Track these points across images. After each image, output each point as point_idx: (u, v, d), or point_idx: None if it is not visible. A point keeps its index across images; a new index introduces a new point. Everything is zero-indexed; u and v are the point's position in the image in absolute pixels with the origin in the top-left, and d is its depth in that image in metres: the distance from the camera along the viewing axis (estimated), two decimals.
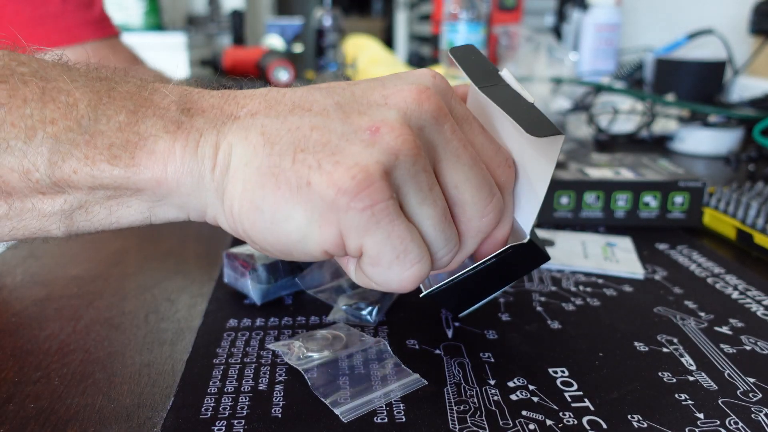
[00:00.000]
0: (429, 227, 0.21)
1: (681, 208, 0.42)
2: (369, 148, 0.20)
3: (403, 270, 0.21)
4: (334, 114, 0.21)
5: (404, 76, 0.23)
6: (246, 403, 0.23)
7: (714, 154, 0.66)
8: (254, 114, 0.21)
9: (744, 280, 0.35)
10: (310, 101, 0.21)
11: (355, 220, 0.19)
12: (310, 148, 0.20)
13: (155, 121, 0.21)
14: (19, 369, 0.26)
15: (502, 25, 1.11)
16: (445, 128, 0.21)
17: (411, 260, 0.21)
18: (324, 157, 0.20)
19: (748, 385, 0.25)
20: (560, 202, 0.43)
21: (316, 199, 0.19)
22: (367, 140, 0.20)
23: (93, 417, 0.23)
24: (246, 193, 0.20)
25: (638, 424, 0.22)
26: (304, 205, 0.20)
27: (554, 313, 0.31)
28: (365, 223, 0.19)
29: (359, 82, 0.23)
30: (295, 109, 0.21)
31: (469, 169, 0.22)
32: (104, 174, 0.20)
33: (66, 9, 0.50)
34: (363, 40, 1.17)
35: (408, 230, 0.20)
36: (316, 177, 0.19)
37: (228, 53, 1.06)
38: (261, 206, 0.20)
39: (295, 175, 0.20)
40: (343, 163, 0.19)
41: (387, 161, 0.19)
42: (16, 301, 0.33)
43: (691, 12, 1.10)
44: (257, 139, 0.20)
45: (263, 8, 2.97)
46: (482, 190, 0.22)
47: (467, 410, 0.23)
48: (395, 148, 0.20)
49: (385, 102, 0.21)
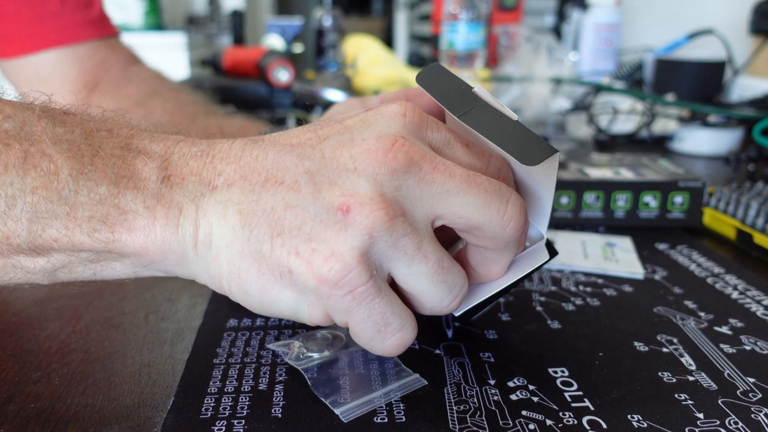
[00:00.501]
0: (425, 284, 0.21)
1: (681, 208, 0.42)
2: (342, 233, 0.20)
3: (384, 340, 0.22)
4: (306, 188, 0.20)
5: (373, 122, 0.22)
6: (246, 403, 0.23)
7: (714, 154, 0.66)
8: (230, 185, 0.21)
9: (744, 280, 0.35)
10: (282, 170, 0.21)
11: (338, 304, 0.20)
12: (286, 233, 0.20)
13: (135, 195, 0.21)
14: (19, 369, 0.26)
15: (502, 25, 1.12)
16: (423, 174, 0.20)
17: (391, 331, 0.21)
18: (300, 243, 0.20)
19: (747, 385, 0.25)
20: (560, 202, 0.43)
21: (299, 285, 0.21)
22: (340, 222, 0.20)
23: (93, 417, 0.23)
24: (232, 275, 0.21)
25: (638, 423, 0.22)
26: (290, 289, 0.21)
27: (554, 313, 0.31)
28: (347, 306, 0.20)
29: (330, 135, 0.22)
30: (267, 182, 0.21)
31: (466, 193, 0.21)
32: (84, 245, 0.21)
33: (65, 8, 0.50)
34: (363, 40, 1.17)
35: (388, 304, 0.21)
36: (296, 265, 0.20)
37: (228, 53, 1.06)
38: (248, 290, 0.21)
39: (276, 262, 0.20)
40: (319, 252, 0.20)
41: (362, 244, 0.20)
42: (16, 301, 0.33)
43: (690, 12, 1.10)
44: (235, 220, 0.21)
45: (263, 8, 2.97)
46: (491, 204, 0.21)
47: (467, 410, 0.23)
48: (368, 227, 0.20)
49: (354, 167, 0.21)
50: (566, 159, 0.48)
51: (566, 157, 0.49)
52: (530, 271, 0.24)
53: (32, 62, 0.50)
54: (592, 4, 1.03)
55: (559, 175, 0.43)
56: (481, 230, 0.22)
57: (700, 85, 0.83)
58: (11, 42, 0.50)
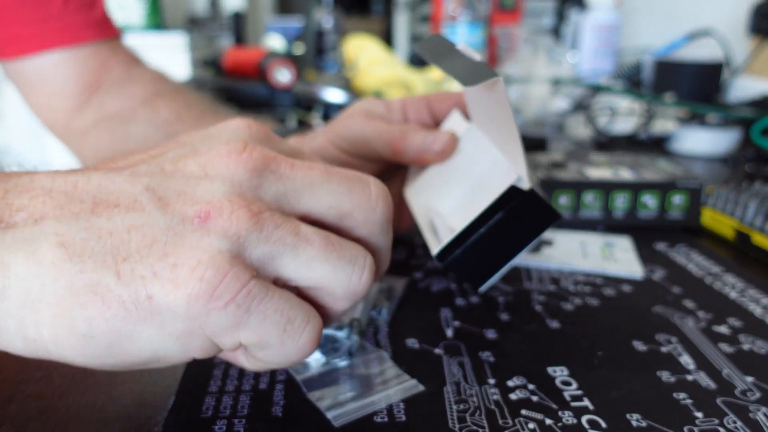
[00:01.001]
0: (320, 267, 0.19)
1: (679, 208, 0.43)
2: (205, 238, 0.17)
3: (297, 339, 0.18)
4: (150, 204, 0.17)
5: (216, 134, 0.20)
6: (247, 402, 0.23)
7: (712, 154, 0.66)
8: (40, 219, 0.17)
9: (742, 280, 0.35)
10: (113, 193, 0.18)
11: (221, 319, 0.17)
12: (134, 255, 0.17)
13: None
14: (20, 368, 0.26)
15: (501, 26, 1.12)
16: (282, 171, 0.19)
17: (299, 326, 0.18)
18: (156, 263, 0.17)
19: (746, 384, 0.25)
20: (559, 202, 0.43)
21: (165, 311, 0.17)
22: (199, 230, 0.17)
23: (94, 416, 0.23)
24: (61, 320, 0.16)
25: (637, 423, 0.22)
26: (150, 322, 0.17)
27: (553, 312, 0.31)
28: (233, 318, 0.17)
29: (165, 152, 0.20)
30: (97, 207, 0.17)
31: (329, 182, 0.20)
32: None
33: (67, 10, 0.50)
34: (363, 40, 1.17)
35: (282, 299, 0.18)
36: (156, 288, 0.16)
37: (229, 54, 1.06)
38: (90, 334, 0.16)
39: (127, 290, 0.16)
40: (183, 265, 0.16)
41: (231, 247, 0.17)
42: None
43: (689, 13, 1.11)
44: (55, 253, 0.16)
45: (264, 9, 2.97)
46: (354, 189, 0.20)
47: (467, 409, 0.23)
48: (232, 230, 0.17)
49: (205, 174, 0.18)
50: (565, 159, 0.48)
51: (565, 157, 0.49)
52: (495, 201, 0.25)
53: (34, 63, 0.50)
54: (591, 5, 1.04)
55: (557, 176, 0.43)
56: (353, 216, 0.20)
57: (698, 85, 0.83)
58: (13, 43, 0.50)
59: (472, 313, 0.31)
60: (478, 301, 0.32)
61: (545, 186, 0.42)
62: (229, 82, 0.96)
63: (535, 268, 0.37)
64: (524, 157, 0.25)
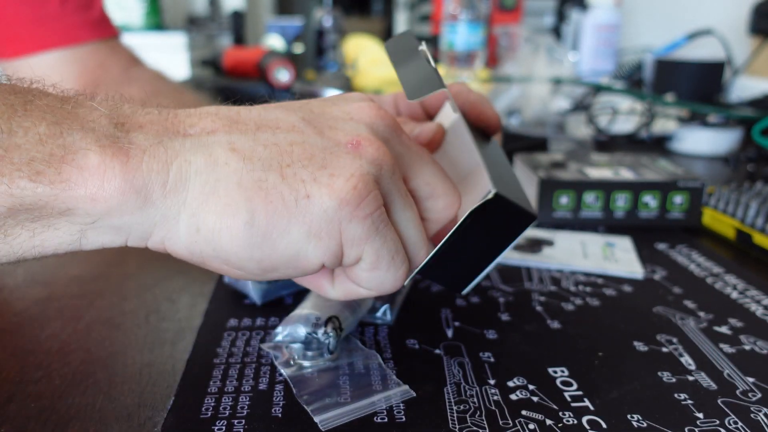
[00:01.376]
0: (411, 229, 0.22)
1: (680, 208, 0.42)
2: (357, 160, 0.20)
3: (398, 270, 0.22)
4: (307, 129, 0.21)
5: (347, 96, 0.24)
6: (246, 402, 0.23)
7: (713, 154, 0.66)
8: (212, 132, 0.20)
9: (743, 280, 0.35)
10: (273, 119, 0.21)
11: (358, 229, 0.20)
12: (297, 163, 0.20)
13: (84, 135, 0.18)
14: (20, 368, 0.26)
15: (501, 25, 1.12)
16: (402, 138, 0.23)
17: (402, 259, 0.22)
18: (316, 170, 0.20)
19: (747, 385, 0.25)
20: (560, 202, 0.43)
21: (317, 211, 0.19)
22: (352, 152, 0.20)
23: (94, 416, 0.23)
24: (228, 209, 0.19)
25: (638, 423, 0.22)
26: (302, 219, 0.19)
27: (554, 312, 0.31)
28: (367, 230, 0.20)
29: (311, 102, 0.23)
30: (261, 127, 0.20)
31: (433, 166, 0.23)
32: (26, 192, 0.17)
33: (65, 10, 0.50)
34: (363, 40, 1.17)
35: (394, 234, 0.22)
36: (315, 189, 0.19)
37: (228, 53, 1.06)
38: (251, 222, 0.19)
39: (289, 188, 0.19)
40: (339, 175, 0.20)
41: (375, 172, 0.20)
42: (17, 301, 0.33)
43: (690, 12, 1.11)
44: (228, 156, 0.19)
45: (263, 8, 2.97)
46: (447, 180, 0.24)
47: (467, 410, 0.23)
48: (378, 159, 0.21)
49: (350, 117, 0.22)
50: (566, 159, 0.48)
51: (566, 157, 0.49)
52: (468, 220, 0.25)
53: (32, 63, 0.50)
54: (592, 5, 1.04)
55: (558, 176, 0.43)
56: (438, 200, 0.23)
57: (699, 85, 0.83)
58: (11, 43, 0.50)
59: (472, 314, 0.31)
60: (478, 302, 0.32)
61: (545, 186, 0.42)
62: (228, 82, 0.96)
63: (535, 268, 0.37)
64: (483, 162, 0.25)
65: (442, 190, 0.23)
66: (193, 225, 0.19)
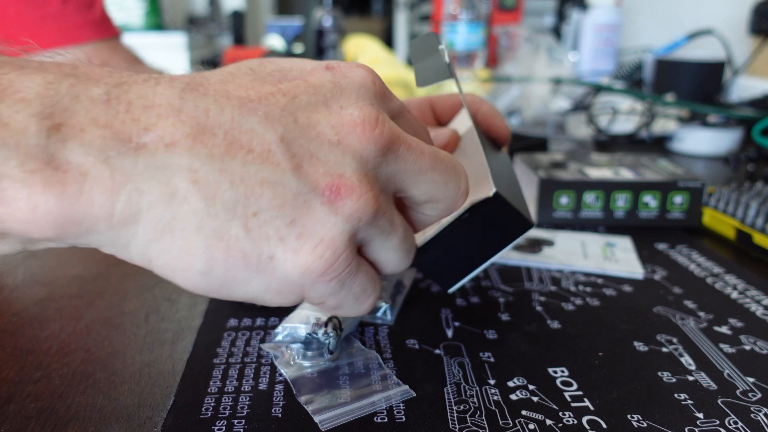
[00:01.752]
0: (393, 254, 0.21)
1: (680, 208, 0.42)
2: (332, 217, 0.18)
3: (360, 306, 0.21)
4: (284, 161, 0.18)
5: (347, 89, 0.20)
6: (246, 402, 0.23)
7: (713, 154, 0.66)
8: (171, 145, 0.16)
9: (743, 280, 0.35)
10: (247, 134, 0.17)
11: (321, 289, 0.19)
12: (264, 213, 0.17)
13: (6, 155, 0.15)
14: (19, 369, 0.26)
15: (501, 25, 1.12)
16: (400, 152, 0.20)
17: (367, 296, 0.21)
18: (283, 227, 0.18)
19: (747, 385, 0.25)
20: (560, 202, 0.43)
21: (279, 274, 0.18)
22: (328, 205, 0.18)
23: (93, 416, 0.23)
24: (184, 254, 0.17)
25: (638, 423, 0.22)
26: (263, 276, 0.18)
27: (554, 312, 0.31)
28: (331, 290, 0.19)
29: (298, 95, 0.19)
30: (231, 147, 0.17)
31: (434, 171, 0.21)
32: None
33: (66, 10, 0.50)
34: (363, 40, 1.17)
35: (365, 275, 0.20)
36: (279, 252, 0.18)
37: (228, 53, 1.06)
38: (207, 273, 0.18)
39: (252, 246, 0.17)
40: (307, 238, 0.18)
41: (351, 228, 0.19)
42: (16, 301, 0.33)
43: (690, 12, 1.11)
44: (189, 189, 0.16)
45: (263, 8, 2.97)
46: (452, 181, 0.21)
47: (467, 410, 0.23)
48: (358, 212, 0.18)
49: (338, 141, 0.18)
50: (566, 159, 0.48)
51: (566, 157, 0.49)
52: (466, 215, 0.25)
53: None
54: (592, 5, 1.04)
55: (558, 175, 0.43)
56: (438, 203, 0.22)
57: (699, 85, 0.83)
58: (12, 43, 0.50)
59: (472, 314, 0.31)
60: (478, 302, 0.32)
61: (545, 186, 0.42)
62: None
63: (535, 268, 0.37)
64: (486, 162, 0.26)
65: (442, 195, 0.21)
66: (145, 257, 0.17)
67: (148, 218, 0.17)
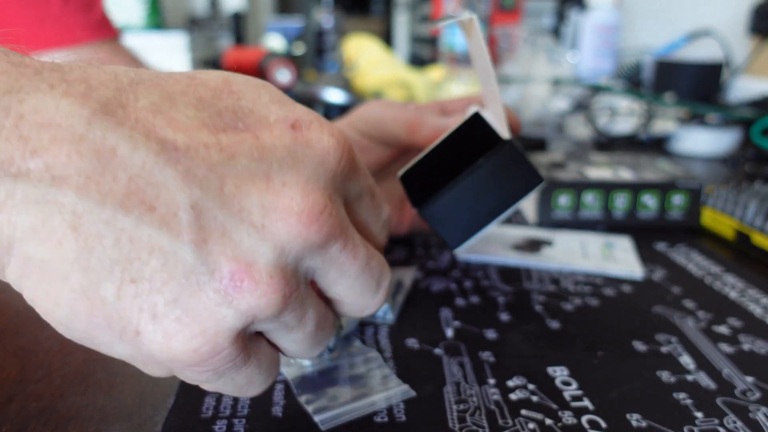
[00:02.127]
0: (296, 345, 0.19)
1: (679, 208, 0.43)
2: (222, 308, 0.15)
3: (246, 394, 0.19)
4: (187, 229, 0.15)
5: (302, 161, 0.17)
6: (247, 402, 0.23)
7: (712, 154, 0.66)
8: (59, 180, 0.14)
9: (742, 280, 0.35)
10: (155, 188, 0.14)
11: (191, 376, 0.17)
12: (144, 283, 0.15)
13: None
14: (20, 368, 0.26)
15: (501, 26, 1.12)
16: (330, 253, 0.17)
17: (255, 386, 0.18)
18: (162, 304, 0.15)
19: (746, 385, 0.25)
20: (559, 203, 0.43)
21: (144, 350, 0.16)
22: (223, 294, 0.15)
23: (94, 416, 0.23)
24: (47, 298, 0.15)
25: (637, 423, 0.22)
26: (126, 346, 0.16)
27: (553, 312, 0.31)
28: (205, 378, 0.17)
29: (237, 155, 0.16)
30: (130, 198, 0.14)
31: (356, 279, 0.19)
32: None
33: (67, 11, 0.50)
34: (363, 41, 1.17)
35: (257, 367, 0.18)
36: (149, 331, 0.15)
37: (229, 54, 1.07)
38: (68, 325, 0.15)
39: (119, 314, 0.15)
40: (185, 325, 0.15)
41: (242, 325, 0.16)
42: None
43: (689, 13, 1.11)
44: (66, 235, 0.14)
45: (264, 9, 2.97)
46: (369, 292, 0.19)
47: (467, 409, 0.23)
48: (255, 310, 0.16)
49: (262, 224, 0.16)
50: (565, 159, 0.48)
51: (565, 158, 0.49)
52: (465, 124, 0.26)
53: None
54: (591, 5, 1.04)
55: (558, 176, 0.43)
56: (344, 305, 0.20)
57: (698, 85, 0.83)
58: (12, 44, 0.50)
59: (472, 313, 0.31)
60: (478, 301, 0.32)
61: (546, 187, 0.42)
62: None
63: (535, 268, 0.37)
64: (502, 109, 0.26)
65: (351, 301, 0.19)
66: (18, 287, 0.16)
67: (20, 253, 0.15)
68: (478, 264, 0.37)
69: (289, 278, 0.16)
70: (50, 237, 0.14)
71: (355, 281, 0.19)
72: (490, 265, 0.37)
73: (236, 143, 0.16)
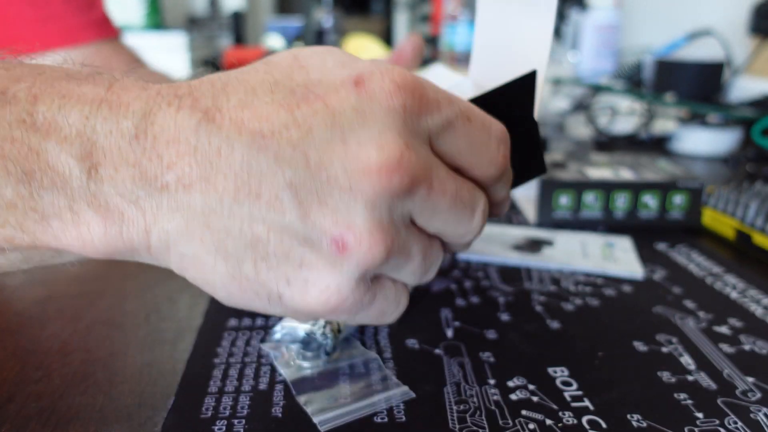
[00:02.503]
0: (410, 276, 0.21)
1: (680, 208, 0.43)
2: (338, 267, 0.18)
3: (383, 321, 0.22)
4: (290, 208, 0.17)
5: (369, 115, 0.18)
6: (246, 402, 0.23)
7: (713, 154, 0.66)
8: (188, 187, 0.17)
9: (743, 280, 0.35)
10: (255, 177, 0.17)
11: (336, 318, 0.20)
12: (272, 258, 0.18)
13: (56, 196, 0.17)
14: (20, 368, 0.26)
15: None
16: (420, 192, 0.18)
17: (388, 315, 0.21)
18: (290, 272, 0.18)
19: (747, 385, 0.25)
20: (559, 203, 0.43)
21: (289, 306, 0.19)
22: (335, 256, 0.18)
23: (94, 416, 0.23)
24: (207, 284, 0.19)
25: (638, 423, 0.22)
26: (279, 308, 0.20)
27: (554, 312, 0.31)
28: (345, 318, 0.20)
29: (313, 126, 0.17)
30: (239, 192, 0.17)
31: (448, 213, 0.20)
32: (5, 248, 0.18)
33: (67, 11, 0.50)
34: (363, 41, 1.17)
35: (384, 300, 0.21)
36: (287, 292, 0.19)
37: (229, 54, 1.06)
38: (227, 299, 0.19)
39: (263, 287, 0.19)
40: (313, 284, 0.18)
41: (359, 275, 0.19)
42: (17, 301, 0.33)
43: (690, 12, 1.11)
44: (203, 235, 0.18)
45: (264, 8, 2.97)
46: (463, 220, 0.20)
47: (467, 410, 0.23)
48: (366, 263, 0.18)
49: (349, 186, 0.17)
50: (566, 159, 0.48)
51: (566, 158, 0.49)
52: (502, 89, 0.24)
53: None
54: (592, 5, 1.04)
55: (558, 176, 0.43)
56: (445, 238, 0.21)
57: (699, 85, 0.83)
58: (14, 43, 0.50)
59: (472, 314, 0.31)
60: (478, 302, 0.32)
61: (545, 186, 0.42)
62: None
63: (535, 268, 0.37)
64: None
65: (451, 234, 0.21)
66: (181, 272, 0.19)
67: (176, 252, 0.18)
68: (479, 264, 0.37)
69: (387, 228, 0.18)
70: (194, 236, 0.18)
71: (448, 215, 0.20)
72: (490, 265, 0.37)
73: (310, 116, 0.17)
